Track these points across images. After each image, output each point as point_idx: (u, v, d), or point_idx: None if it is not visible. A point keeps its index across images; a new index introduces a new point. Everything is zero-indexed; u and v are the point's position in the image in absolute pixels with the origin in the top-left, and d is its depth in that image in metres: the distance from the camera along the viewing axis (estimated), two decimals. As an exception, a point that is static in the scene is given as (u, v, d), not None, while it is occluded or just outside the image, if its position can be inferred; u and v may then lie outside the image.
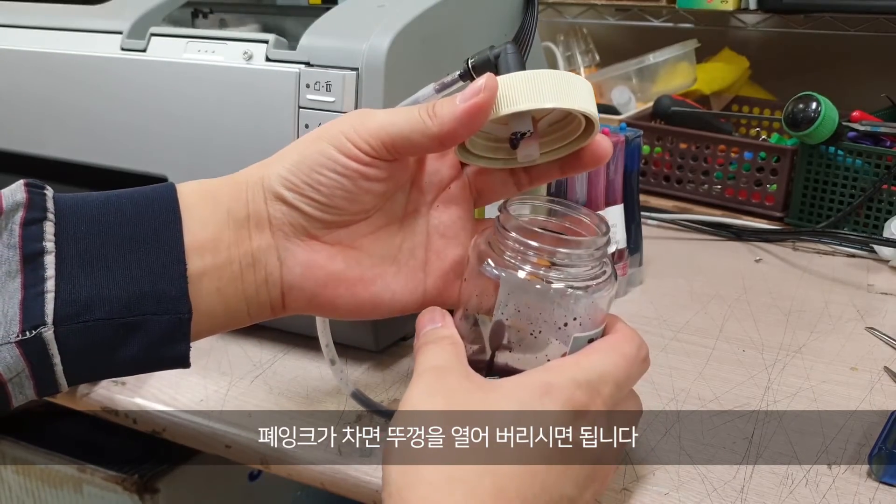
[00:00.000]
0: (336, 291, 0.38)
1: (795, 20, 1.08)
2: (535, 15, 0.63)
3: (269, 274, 0.38)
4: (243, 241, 0.37)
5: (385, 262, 0.40)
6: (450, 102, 0.36)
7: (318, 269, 0.38)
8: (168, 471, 0.72)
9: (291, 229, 0.37)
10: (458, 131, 0.36)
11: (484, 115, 0.36)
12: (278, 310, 0.39)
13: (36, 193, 0.35)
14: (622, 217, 0.66)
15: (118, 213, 0.35)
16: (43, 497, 0.75)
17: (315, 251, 0.38)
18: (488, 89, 0.35)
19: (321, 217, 0.37)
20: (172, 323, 0.35)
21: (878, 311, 0.65)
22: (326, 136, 0.37)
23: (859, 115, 0.86)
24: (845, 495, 0.42)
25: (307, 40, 0.50)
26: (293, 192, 0.37)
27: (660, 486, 0.42)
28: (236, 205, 0.37)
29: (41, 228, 0.34)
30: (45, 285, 0.33)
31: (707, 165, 0.91)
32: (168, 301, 0.35)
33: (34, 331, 0.32)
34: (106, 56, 0.57)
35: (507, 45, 0.40)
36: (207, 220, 0.36)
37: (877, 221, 0.81)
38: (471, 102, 0.35)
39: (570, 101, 0.36)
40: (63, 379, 0.34)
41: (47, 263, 0.33)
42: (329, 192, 0.37)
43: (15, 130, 0.62)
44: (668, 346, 0.58)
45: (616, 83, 1.09)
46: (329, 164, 0.36)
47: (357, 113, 0.38)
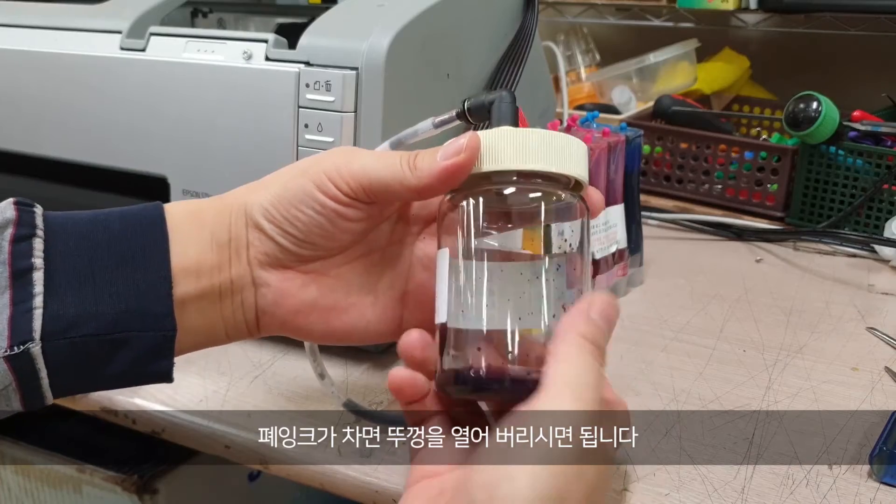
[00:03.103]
0: (308, 319, 0.39)
1: (796, 20, 1.08)
2: (535, 15, 0.63)
3: (245, 299, 0.38)
4: (224, 266, 0.37)
5: (362, 292, 0.40)
6: (431, 156, 0.36)
7: (290, 298, 0.38)
8: (168, 471, 0.72)
9: (266, 258, 0.38)
10: (436, 187, 0.36)
11: (463, 173, 0.36)
12: (254, 332, 0.39)
13: (25, 211, 0.35)
14: (622, 217, 0.66)
15: (106, 230, 0.36)
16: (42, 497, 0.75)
17: (288, 279, 0.38)
18: (469, 150, 0.35)
19: (296, 251, 0.38)
20: (157, 340, 0.35)
21: (879, 312, 0.65)
22: (311, 172, 0.37)
23: (860, 115, 0.85)
24: (846, 496, 0.42)
25: (307, 40, 0.50)
26: (271, 224, 0.37)
27: (660, 487, 0.42)
28: (219, 228, 0.37)
29: (30, 245, 0.34)
30: (33, 301, 0.33)
31: (707, 165, 0.91)
32: (154, 318, 0.35)
33: (22, 346, 0.33)
34: (105, 56, 0.57)
35: (503, 92, 0.39)
36: (192, 243, 0.37)
37: (877, 221, 0.81)
38: (451, 161, 0.35)
39: (556, 165, 0.35)
40: (49, 392, 0.35)
41: (36, 280, 0.34)
42: (306, 229, 0.37)
43: (14, 130, 0.62)
44: (668, 347, 0.58)
45: (616, 83, 1.09)
46: (308, 201, 0.37)
47: (344, 151, 0.38)
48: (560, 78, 1.03)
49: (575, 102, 1.11)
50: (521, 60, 0.60)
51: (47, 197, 0.64)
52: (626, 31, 1.27)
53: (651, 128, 0.95)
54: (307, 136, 0.50)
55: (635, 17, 1.17)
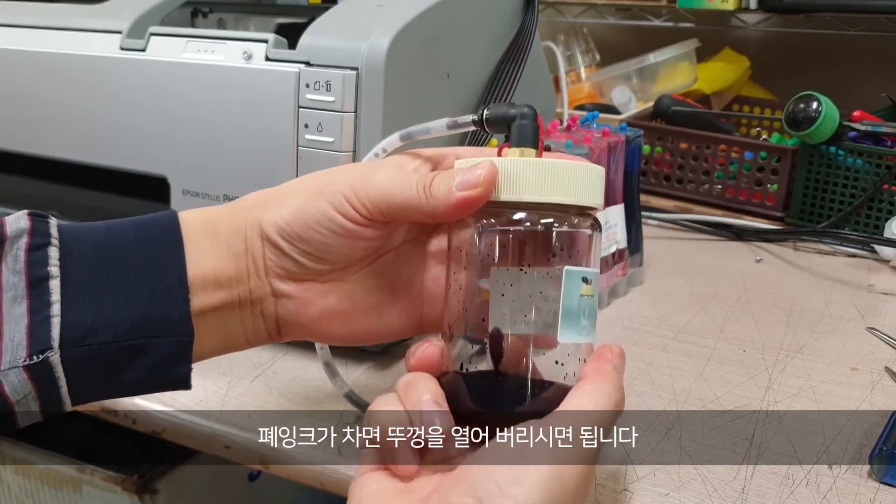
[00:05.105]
0: (330, 324, 0.39)
1: (796, 20, 1.08)
2: (535, 15, 0.63)
3: (265, 308, 0.38)
4: (242, 278, 0.38)
5: (381, 293, 0.40)
6: (447, 183, 0.35)
7: (311, 306, 0.38)
8: (167, 471, 0.71)
9: (284, 272, 0.38)
10: (451, 214, 0.36)
11: (478, 206, 0.36)
12: (275, 338, 0.40)
13: (39, 221, 0.35)
14: (622, 217, 0.66)
15: (121, 237, 0.36)
16: (42, 497, 0.75)
17: (308, 290, 0.38)
18: (486, 184, 0.35)
19: (313, 267, 0.38)
20: (175, 345, 0.35)
21: (879, 312, 0.65)
22: (328, 192, 0.37)
23: (860, 115, 0.85)
24: (846, 496, 0.42)
25: (307, 40, 0.50)
26: (288, 243, 0.37)
27: (660, 487, 0.42)
28: (235, 239, 0.38)
29: (46, 254, 0.34)
30: (50, 310, 0.33)
31: (707, 165, 0.91)
32: (171, 324, 0.35)
33: (41, 355, 0.33)
34: (105, 56, 0.57)
35: (525, 109, 0.38)
36: (209, 252, 0.37)
37: (877, 221, 0.81)
38: (466, 194, 0.35)
39: (574, 197, 0.36)
40: (68, 399, 0.35)
41: (52, 288, 0.34)
42: (323, 248, 0.37)
43: (14, 130, 0.62)
44: (668, 347, 0.58)
45: (616, 83, 1.09)
46: (326, 222, 0.37)
47: (356, 169, 0.38)
48: (560, 78, 1.04)
49: (575, 102, 1.11)
50: (521, 60, 0.60)
51: (48, 197, 0.65)
52: (626, 31, 1.27)
53: (651, 128, 0.95)
54: (307, 136, 0.50)
55: (635, 17, 1.17)
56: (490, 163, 0.35)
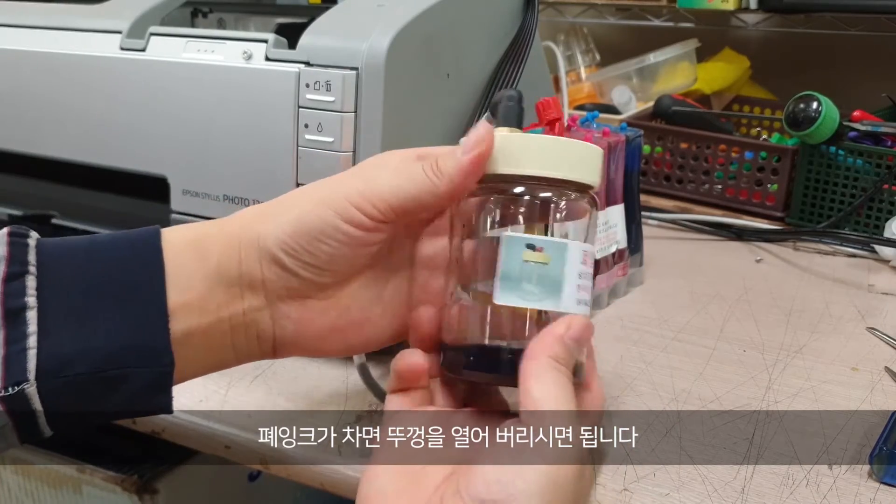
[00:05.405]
0: (327, 341, 0.39)
1: (796, 20, 1.08)
2: (535, 15, 0.63)
3: (262, 331, 0.38)
4: (234, 301, 0.37)
5: (372, 305, 0.40)
6: (451, 157, 0.36)
7: (310, 325, 0.38)
8: (167, 471, 0.71)
9: (286, 292, 0.37)
10: (465, 184, 0.36)
11: (485, 163, 0.36)
12: (268, 357, 0.39)
13: (17, 244, 0.34)
14: (622, 217, 0.66)
15: (101, 260, 0.35)
16: (42, 497, 0.75)
17: (308, 309, 0.38)
18: (487, 138, 0.36)
19: (318, 281, 0.37)
20: (155, 375, 0.35)
21: (879, 312, 0.65)
22: (330, 202, 0.36)
23: (860, 115, 0.85)
24: (846, 496, 0.42)
25: (307, 40, 0.50)
26: (291, 258, 0.37)
27: (660, 487, 0.42)
28: (227, 261, 0.37)
29: (23, 284, 0.33)
30: (27, 342, 0.33)
31: (707, 165, 0.91)
32: (151, 354, 0.34)
33: (17, 387, 0.32)
34: (105, 56, 0.57)
35: (510, 92, 0.40)
36: (195, 277, 0.36)
37: (878, 221, 0.81)
38: (473, 153, 0.36)
39: (575, 173, 0.37)
40: (46, 428, 0.34)
41: (29, 319, 0.33)
42: (329, 259, 0.37)
43: (14, 130, 0.62)
44: (668, 347, 0.58)
45: (616, 83, 1.09)
46: (332, 232, 0.36)
47: (358, 173, 0.38)
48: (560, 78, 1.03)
49: (575, 102, 1.11)
50: (521, 60, 0.60)
51: (48, 197, 0.65)
52: (626, 31, 1.27)
53: (651, 128, 0.95)
54: (307, 136, 0.50)
55: (635, 17, 1.17)
56: (482, 120, 0.36)
